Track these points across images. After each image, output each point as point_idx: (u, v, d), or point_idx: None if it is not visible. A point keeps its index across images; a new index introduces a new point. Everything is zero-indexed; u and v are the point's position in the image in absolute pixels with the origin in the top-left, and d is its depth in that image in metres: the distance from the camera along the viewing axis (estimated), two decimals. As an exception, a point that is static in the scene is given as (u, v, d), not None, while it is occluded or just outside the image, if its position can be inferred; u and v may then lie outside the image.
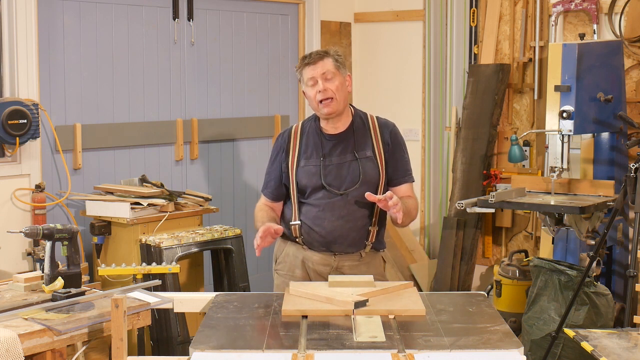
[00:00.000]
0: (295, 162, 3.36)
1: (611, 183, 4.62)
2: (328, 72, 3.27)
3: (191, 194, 5.00)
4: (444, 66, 6.16)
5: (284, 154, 3.40)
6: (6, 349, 2.48)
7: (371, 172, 3.32)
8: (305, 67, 3.29)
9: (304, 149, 3.37)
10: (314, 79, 3.27)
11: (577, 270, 4.29)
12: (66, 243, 2.98)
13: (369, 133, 3.38)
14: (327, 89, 3.26)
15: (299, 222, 3.35)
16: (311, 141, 3.37)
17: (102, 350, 4.64)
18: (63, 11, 4.83)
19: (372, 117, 3.44)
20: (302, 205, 3.36)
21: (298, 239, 3.38)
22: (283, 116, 6.08)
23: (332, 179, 3.31)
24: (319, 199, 3.31)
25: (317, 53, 3.31)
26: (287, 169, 3.38)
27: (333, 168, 3.32)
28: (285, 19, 6.09)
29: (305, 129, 3.42)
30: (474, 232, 5.74)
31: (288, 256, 3.43)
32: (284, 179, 3.40)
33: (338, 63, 3.31)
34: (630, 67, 5.22)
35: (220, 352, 2.39)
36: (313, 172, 3.32)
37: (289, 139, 3.42)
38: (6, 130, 4.35)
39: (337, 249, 3.34)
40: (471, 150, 5.77)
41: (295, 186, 3.35)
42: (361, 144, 3.35)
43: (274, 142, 3.50)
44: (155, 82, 5.30)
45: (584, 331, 3.08)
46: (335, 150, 3.34)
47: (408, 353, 2.36)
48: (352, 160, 3.32)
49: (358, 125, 3.39)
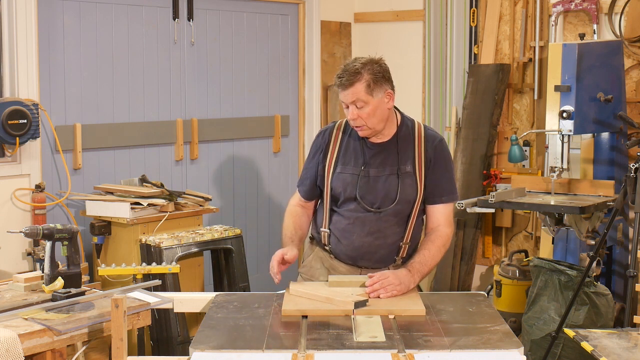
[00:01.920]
0: (332, 167, 3.18)
1: (611, 183, 4.62)
2: (358, 100, 3.01)
3: (191, 194, 5.00)
4: (444, 66, 6.16)
5: (322, 154, 3.22)
6: (6, 349, 2.48)
7: (408, 190, 3.12)
8: (338, 87, 3.05)
9: (342, 153, 3.17)
10: (345, 103, 3.06)
11: (577, 270, 4.29)
12: (66, 243, 2.97)
13: (412, 145, 3.15)
14: (357, 117, 3.04)
15: (327, 230, 3.21)
16: (351, 145, 3.17)
17: (102, 350, 4.64)
18: (63, 11, 4.83)
19: (420, 126, 3.20)
20: (333, 213, 3.20)
21: (327, 246, 3.24)
22: (283, 116, 6.08)
23: (367, 193, 3.12)
24: (350, 211, 3.14)
25: (350, 75, 3.01)
26: (323, 172, 3.21)
27: (369, 181, 3.12)
28: (285, 19, 6.09)
29: (348, 129, 3.20)
30: (474, 232, 5.74)
31: (315, 261, 3.29)
32: (318, 180, 3.23)
33: (373, 85, 3.01)
34: (630, 67, 5.22)
35: (220, 352, 2.39)
36: (349, 181, 3.13)
37: (329, 138, 3.22)
38: (6, 130, 4.35)
39: (364, 264, 3.18)
40: (471, 150, 5.77)
41: (329, 192, 3.18)
42: (403, 157, 3.14)
43: (315, 137, 3.29)
44: (155, 82, 5.30)
45: (584, 331, 3.08)
46: (375, 160, 3.14)
47: (408, 353, 2.36)
48: (390, 175, 3.12)
49: (403, 136, 3.16)
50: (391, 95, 3.09)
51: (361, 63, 3.04)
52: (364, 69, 3.02)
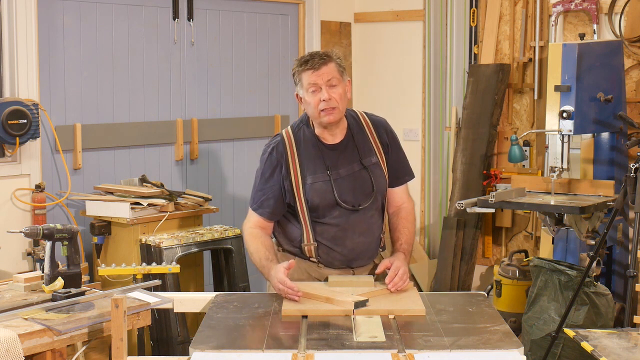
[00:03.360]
0: (299, 179, 3.11)
1: (611, 183, 4.62)
2: (333, 78, 3.03)
3: (191, 194, 5.00)
4: (444, 66, 6.16)
5: (284, 170, 3.14)
6: (6, 349, 2.48)
7: (381, 180, 3.17)
8: (306, 71, 3.04)
9: (305, 164, 3.12)
10: (317, 86, 3.03)
11: (577, 270, 4.29)
12: (66, 243, 2.98)
13: (367, 136, 3.19)
14: (332, 97, 3.02)
15: (314, 242, 3.14)
16: (311, 153, 3.13)
17: (102, 350, 4.64)
18: (63, 11, 4.83)
19: (363, 115, 3.25)
20: (316, 224, 3.13)
21: (313, 258, 3.18)
22: (283, 116, 6.08)
23: (345, 195, 3.10)
24: (336, 218, 3.11)
25: (320, 57, 3.04)
26: (291, 187, 3.11)
27: (343, 182, 3.11)
28: (285, 19, 6.09)
29: (299, 139, 3.17)
30: (474, 232, 5.74)
31: (300, 274, 3.20)
32: (287, 198, 3.13)
33: (341, 68, 3.08)
34: (630, 67, 5.22)
35: (220, 352, 2.39)
36: (324, 189, 3.09)
37: (284, 152, 3.15)
38: (6, 130, 4.35)
39: (357, 264, 3.20)
40: (471, 150, 5.77)
41: (304, 205, 3.11)
42: (364, 150, 3.17)
43: (264, 156, 3.23)
44: (155, 82, 5.30)
45: (584, 331, 3.08)
46: (340, 161, 3.13)
47: (408, 353, 2.36)
48: (360, 170, 3.14)
49: (355, 129, 3.19)
50: (350, 86, 3.16)
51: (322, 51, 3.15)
52: (332, 55, 3.09)
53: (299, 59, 3.12)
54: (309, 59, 3.06)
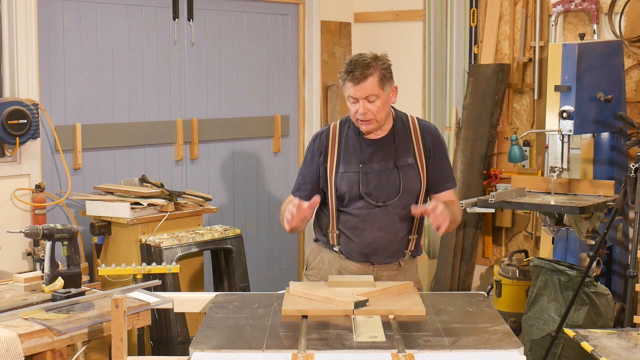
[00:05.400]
0: (334, 167, 3.18)
1: (611, 183, 4.62)
2: (371, 95, 3.04)
3: (191, 194, 5.00)
4: (444, 66, 6.16)
5: (322, 157, 3.21)
6: (6, 349, 2.48)
7: (412, 181, 3.17)
8: (347, 81, 3.05)
9: (343, 153, 3.19)
10: (355, 98, 3.06)
11: (577, 270, 4.30)
12: (66, 243, 2.98)
13: (410, 138, 3.21)
14: (368, 111, 3.06)
15: (337, 230, 3.21)
16: (350, 144, 3.19)
17: (102, 350, 4.64)
18: (63, 11, 4.83)
19: (413, 119, 3.26)
20: (340, 213, 3.20)
21: (335, 247, 3.24)
22: (283, 116, 6.08)
23: (371, 189, 3.14)
24: (359, 209, 3.16)
25: (363, 69, 3.02)
26: (325, 174, 3.20)
27: (373, 176, 3.15)
28: (285, 19, 6.09)
29: (343, 130, 3.23)
30: (474, 232, 5.74)
31: (323, 263, 3.29)
32: (321, 183, 3.22)
33: (384, 79, 3.06)
34: (630, 67, 5.22)
35: (220, 352, 2.39)
36: (353, 179, 3.15)
37: (327, 140, 3.22)
38: (6, 130, 4.35)
39: (376, 260, 3.22)
40: (471, 150, 5.77)
41: (334, 193, 3.18)
42: (402, 150, 3.18)
43: (309, 143, 3.29)
44: (155, 82, 5.30)
45: (584, 331, 3.08)
46: (375, 156, 3.17)
47: (408, 353, 2.36)
48: (392, 169, 3.16)
49: (399, 130, 3.21)
50: (396, 90, 3.16)
51: (370, 58, 3.07)
52: (375, 63, 3.05)
53: (347, 62, 3.08)
54: (352, 70, 3.04)
